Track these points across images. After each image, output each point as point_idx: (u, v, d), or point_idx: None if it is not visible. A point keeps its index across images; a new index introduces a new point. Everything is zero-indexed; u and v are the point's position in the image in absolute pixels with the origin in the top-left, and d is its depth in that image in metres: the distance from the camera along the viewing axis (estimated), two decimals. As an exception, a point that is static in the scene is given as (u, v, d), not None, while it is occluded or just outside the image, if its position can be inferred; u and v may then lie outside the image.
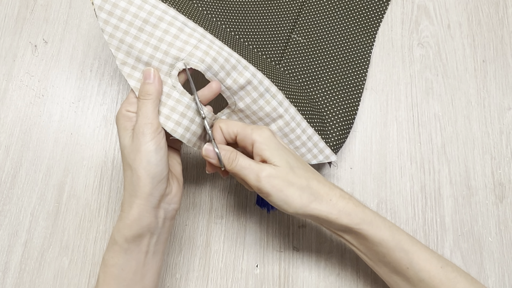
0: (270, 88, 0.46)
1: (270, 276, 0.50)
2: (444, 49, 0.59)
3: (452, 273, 0.40)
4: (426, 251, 0.41)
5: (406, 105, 0.57)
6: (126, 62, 0.42)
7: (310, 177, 0.41)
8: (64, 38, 0.59)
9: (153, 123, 0.40)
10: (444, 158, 0.54)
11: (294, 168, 0.41)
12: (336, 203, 0.41)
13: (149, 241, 0.41)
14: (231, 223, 0.52)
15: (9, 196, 0.52)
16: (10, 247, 0.51)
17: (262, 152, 0.41)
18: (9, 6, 0.60)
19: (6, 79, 0.57)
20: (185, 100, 0.43)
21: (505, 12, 0.61)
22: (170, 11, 0.43)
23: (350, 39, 0.58)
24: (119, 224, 0.40)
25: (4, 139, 0.55)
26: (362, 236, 0.41)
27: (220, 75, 0.43)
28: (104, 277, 0.40)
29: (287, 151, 0.42)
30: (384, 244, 0.40)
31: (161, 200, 0.41)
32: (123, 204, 0.40)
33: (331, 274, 0.50)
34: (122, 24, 0.42)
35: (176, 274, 0.50)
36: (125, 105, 0.42)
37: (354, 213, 0.41)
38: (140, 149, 0.39)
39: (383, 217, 0.42)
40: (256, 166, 0.40)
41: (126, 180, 0.40)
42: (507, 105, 0.56)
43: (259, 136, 0.41)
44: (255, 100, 0.45)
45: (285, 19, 0.58)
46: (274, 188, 0.39)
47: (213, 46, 0.43)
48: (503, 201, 0.53)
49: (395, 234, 0.41)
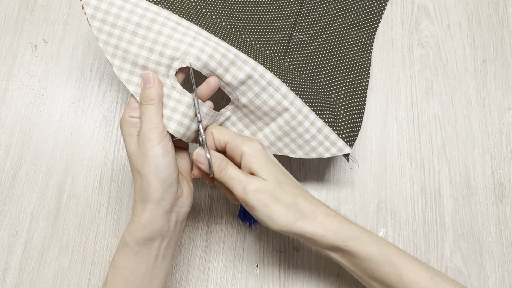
0: (272, 81, 0.45)
1: (270, 276, 0.50)
2: (444, 49, 0.59)
3: (441, 283, 0.40)
4: (414, 262, 0.41)
5: (406, 105, 0.57)
6: (123, 68, 0.42)
7: (297, 194, 0.41)
8: (64, 38, 0.59)
9: (158, 127, 0.40)
10: (444, 158, 0.54)
11: (282, 183, 0.40)
12: (322, 221, 0.40)
13: (160, 245, 0.40)
14: (231, 223, 0.52)
15: (9, 196, 0.52)
16: (10, 247, 0.51)
17: (250, 164, 0.40)
18: (9, 6, 0.60)
19: (6, 79, 0.57)
20: (186, 100, 0.42)
21: (505, 12, 0.61)
22: (162, 12, 0.43)
23: (351, 33, 0.58)
24: (130, 227, 0.40)
25: (4, 139, 0.55)
26: (350, 253, 0.40)
27: (218, 71, 0.43)
28: (112, 278, 0.40)
29: (276, 166, 0.42)
30: (372, 259, 0.40)
31: (174, 204, 0.41)
32: (135, 207, 0.40)
33: (331, 274, 0.50)
34: (115, 30, 0.41)
35: (176, 274, 0.50)
36: (127, 111, 0.42)
37: (340, 230, 0.40)
38: (148, 154, 0.39)
39: (369, 232, 0.42)
40: (245, 178, 0.40)
41: (136, 185, 0.40)
42: (507, 105, 0.56)
43: (249, 148, 0.41)
44: (258, 95, 0.45)
45: (286, 17, 0.57)
46: (259, 202, 0.39)
47: (209, 42, 0.43)
48: (503, 201, 0.53)
49: (383, 248, 0.41)
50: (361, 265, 0.41)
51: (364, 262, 0.40)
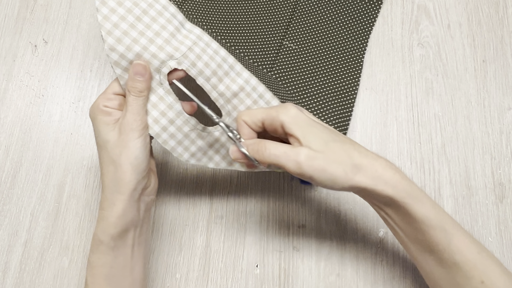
0: (264, 95, 0.45)
1: (270, 276, 0.50)
2: (444, 49, 0.59)
3: (487, 260, 0.39)
4: (465, 234, 0.40)
5: (406, 105, 0.57)
6: (115, 49, 0.40)
7: (349, 149, 0.39)
8: (64, 38, 0.59)
9: (143, 119, 0.40)
10: (444, 158, 0.54)
11: (329, 142, 0.39)
12: (382, 174, 0.38)
13: (134, 234, 0.41)
14: (231, 223, 0.52)
15: (9, 196, 0.52)
16: (10, 247, 0.51)
17: (293, 131, 0.39)
18: (9, 6, 0.60)
19: (6, 79, 0.57)
20: (169, 100, 0.42)
21: (505, 12, 0.61)
22: (170, 8, 0.42)
23: (342, 44, 0.58)
24: (102, 224, 0.40)
25: (4, 139, 0.55)
26: (405, 211, 0.39)
27: (212, 80, 0.43)
28: (92, 280, 0.40)
29: (319, 125, 0.40)
30: (426, 221, 0.39)
31: (142, 193, 0.41)
32: (103, 203, 0.40)
33: (331, 274, 0.50)
34: (120, 8, 0.40)
35: (176, 274, 0.50)
36: (102, 100, 0.41)
37: (400, 185, 0.39)
38: (128, 145, 0.39)
39: (427, 195, 0.40)
40: (291, 151, 0.38)
41: (108, 176, 0.40)
42: (507, 105, 0.56)
43: (286, 115, 0.40)
44: (250, 108, 0.44)
45: (276, 26, 0.58)
46: (316, 170, 0.38)
47: (207, 50, 0.43)
48: (503, 201, 0.53)
49: (439, 212, 0.39)
50: (413, 225, 0.40)
51: (417, 222, 0.39)
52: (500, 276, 0.39)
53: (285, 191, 0.53)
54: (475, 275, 0.39)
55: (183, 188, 0.53)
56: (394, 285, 0.49)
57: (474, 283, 0.39)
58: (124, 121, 0.40)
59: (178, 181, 0.54)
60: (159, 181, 0.53)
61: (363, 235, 0.51)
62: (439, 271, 0.40)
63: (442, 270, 0.40)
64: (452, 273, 0.39)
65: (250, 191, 0.53)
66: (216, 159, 0.46)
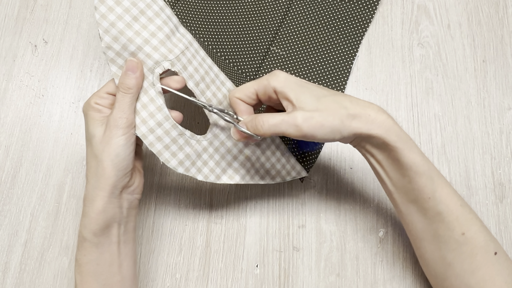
0: None
1: (270, 276, 0.50)
2: (444, 49, 0.59)
3: (469, 214, 0.41)
4: (449, 186, 0.41)
5: (406, 105, 0.57)
6: (111, 47, 0.41)
7: (341, 100, 0.41)
8: (64, 38, 0.59)
9: (129, 118, 0.40)
10: (444, 158, 0.54)
11: (321, 98, 0.40)
12: (375, 118, 0.40)
13: (118, 231, 0.41)
14: (231, 223, 0.52)
15: (9, 196, 0.52)
16: (10, 247, 0.51)
17: (285, 94, 0.41)
18: (9, 6, 0.60)
19: (6, 79, 0.57)
20: (159, 102, 0.42)
21: (505, 12, 0.61)
22: (166, 10, 0.43)
23: (332, 50, 0.58)
24: (84, 221, 0.40)
25: (4, 139, 0.55)
26: (396, 155, 0.40)
27: (201, 86, 0.44)
28: (81, 277, 0.40)
29: (309, 84, 0.42)
30: (414, 167, 0.40)
31: (123, 191, 0.41)
32: (85, 199, 0.40)
33: (331, 274, 0.50)
34: (118, 8, 0.41)
35: (176, 274, 0.50)
36: (94, 98, 0.42)
37: (392, 129, 0.40)
38: (111, 142, 0.39)
39: (416, 144, 0.42)
40: (288, 117, 0.40)
41: (90, 171, 0.40)
42: (507, 105, 0.56)
43: (276, 81, 0.41)
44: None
45: (266, 31, 0.58)
46: (315, 127, 0.39)
47: (197, 56, 0.44)
48: (503, 201, 0.53)
49: (427, 161, 0.41)
50: (401, 171, 0.41)
51: (405, 169, 0.40)
52: (480, 231, 0.40)
53: (285, 191, 0.53)
54: (456, 227, 0.40)
55: (183, 188, 0.53)
56: (394, 285, 0.49)
57: (455, 234, 0.40)
58: (110, 117, 0.40)
59: (178, 181, 0.54)
60: (159, 181, 0.53)
61: (363, 235, 0.51)
62: (422, 222, 0.42)
63: (425, 221, 0.41)
64: (435, 224, 0.41)
65: (250, 191, 0.53)
66: (205, 171, 0.46)
